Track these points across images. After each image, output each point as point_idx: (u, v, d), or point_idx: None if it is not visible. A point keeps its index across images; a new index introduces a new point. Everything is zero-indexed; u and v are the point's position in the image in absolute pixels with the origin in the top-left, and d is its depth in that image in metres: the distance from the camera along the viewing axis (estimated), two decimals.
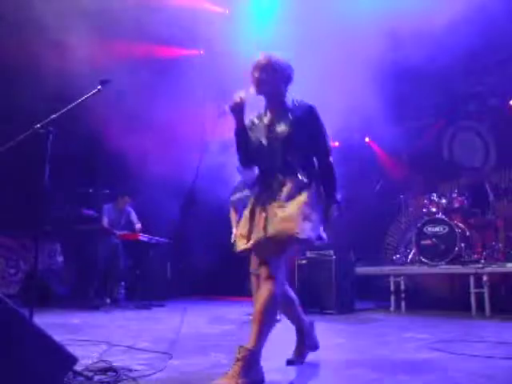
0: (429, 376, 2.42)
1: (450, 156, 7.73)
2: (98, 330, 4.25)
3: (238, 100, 2.48)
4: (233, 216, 5.31)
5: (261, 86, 2.56)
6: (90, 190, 7.30)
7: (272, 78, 2.56)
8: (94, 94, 3.37)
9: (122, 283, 6.90)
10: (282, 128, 2.56)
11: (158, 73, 6.55)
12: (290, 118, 2.57)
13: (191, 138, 6.95)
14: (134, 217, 7.15)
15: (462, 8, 5.03)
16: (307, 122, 2.59)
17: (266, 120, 2.65)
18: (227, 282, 8.21)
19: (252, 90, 2.55)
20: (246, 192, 5.02)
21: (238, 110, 2.51)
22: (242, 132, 2.59)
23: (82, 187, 7.37)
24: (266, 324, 2.36)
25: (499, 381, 2.31)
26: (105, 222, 6.84)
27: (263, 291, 2.37)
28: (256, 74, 2.57)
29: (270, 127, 2.60)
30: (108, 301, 6.52)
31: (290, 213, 2.39)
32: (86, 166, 8.15)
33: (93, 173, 8.11)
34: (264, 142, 2.58)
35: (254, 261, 5.04)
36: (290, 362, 2.77)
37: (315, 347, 2.91)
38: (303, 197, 2.45)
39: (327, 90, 5.83)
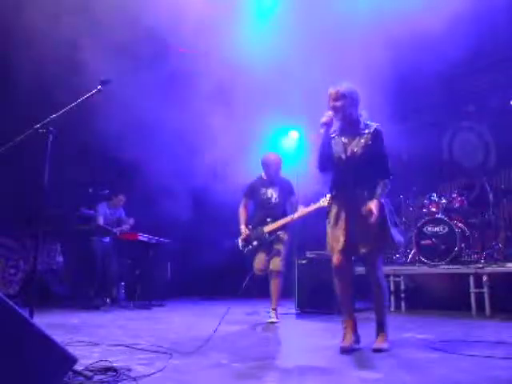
0: (429, 376, 2.42)
1: (450, 156, 7.74)
2: (97, 329, 4.25)
3: (329, 117, 3.16)
4: (242, 213, 5.26)
5: (336, 112, 3.18)
6: (90, 190, 7.30)
7: (342, 105, 3.17)
8: (94, 93, 3.37)
9: (122, 283, 6.91)
10: (357, 148, 3.18)
11: (159, 72, 6.54)
12: (363, 140, 3.18)
13: (192, 138, 6.97)
14: (124, 215, 7.19)
15: (462, 7, 5.03)
16: (375, 143, 3.19)
17: (343, 139, 3.24)
18: (228, 281, 8.21)
19: (331, 113, 3.19)
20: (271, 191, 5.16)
21: (328, 125, 3.18)
22: (328, 144, 3.23)
23: (81, 187, 7.38)
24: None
25: (499, 381, 2.31)
26: (100, 220, 6.84)
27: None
28: (331, 103, 3.20)
29: (347, 146, 3.21)
30: (108, 301, 6.52)
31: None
32: (85, 166, 8.15)
33: (92, 172, 8.10)
34: (343, 156, 3.20)
35: (260, 261, 5.06)
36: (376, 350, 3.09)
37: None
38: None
39: (326, 87, 5.83)
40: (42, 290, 6.50)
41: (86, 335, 3.80)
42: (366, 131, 3.20)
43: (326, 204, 4.42)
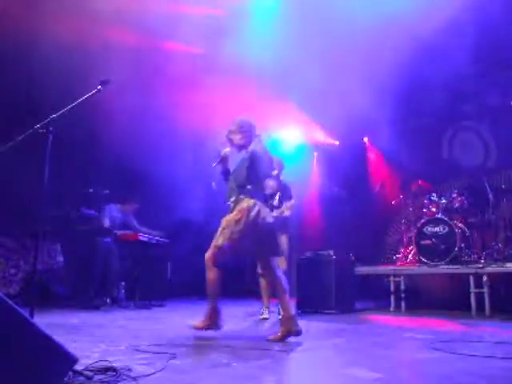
0: (429, 376, 2.43)
1: (449, 156, 7.74)
2: (98, 329, 4.25)
3: (224, 154, 3.96)
4: None
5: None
6: (90, 190, 7.30)
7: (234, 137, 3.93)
8: (94, 93, 3.38)
9: (123, 283, 6.90)
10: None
11: (161, 70, 6.55)
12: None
13: (192, 137, 6.97)
14: (134, 223, 7.19)
15: (461, 8, 5.04)
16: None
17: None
18: (227, 281, 8.21)
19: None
20: None
21: (224, 161, 3.98)
22: (226, 173, 4.01)
23: (82, 187, 7.38)
24: None
25: (498, 381, 2.31)
26: (106, 222, 6.84)
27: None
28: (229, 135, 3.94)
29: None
30: (108, 301, 6.52)
31: None
32: (86, 166, 8.15)
33: (93, 173, 8.10)
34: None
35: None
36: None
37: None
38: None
39: (328, 89, 5.85)
40: (42, 290, 6.50)
41: (86, 335, 3.81)
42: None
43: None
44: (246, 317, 5.49)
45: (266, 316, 5.19)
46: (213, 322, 3.80)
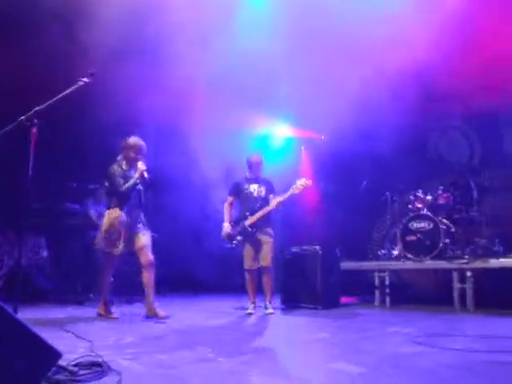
0: (413, 370, 2.46)
1: (436, 153, 7.81)
2: (83, 324, 4.23)
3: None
4: (226, 210, 5.55)
5: None
6: (75, 185, 7.24)
7: None
8: (80, 86, 3.34)
9: None
10: None
11: (152, 65, 6.49)
12: None
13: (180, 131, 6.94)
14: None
15: (446, 9, 5.10)
16: None
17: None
18: (213, 276, 8.22)
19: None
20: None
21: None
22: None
23: (67, 181, 7.31)
24: None
25: (480, 374, 2.35)
26: (93, 214, 6.83)
27: None
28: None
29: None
30: (92, 296, 6.47)
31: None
32: (71, 160, 8.07)
33: (79, 167, 8.02)
34: None
35: (249, 257, 5.29)
36: None
37: None
38: None
39: (316, 84, 5.86)
40: (26, 285, 6.42)
41: (71, 330, 3.77)
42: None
43: (297, 192, 5.14)
44: (232, 311, 5.50)
45: (251, 311, 5.22)
46: None
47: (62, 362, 2.20)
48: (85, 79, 3.28)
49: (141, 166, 4.77)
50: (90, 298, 6.38)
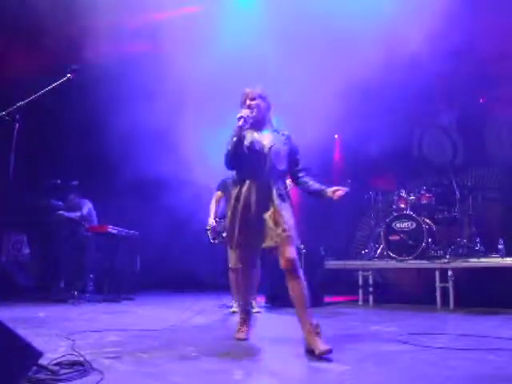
0: (395, 368, 2.48)
1: (419, 153, 7.89)
2: (64, 323, 4.17)
3: (246, 114, 3.11)
4: (212, 206, 5.48)
5: (252, 110, 3.18)
6: (59, 181, 7.15)
7: (257, 105, 3.24)
8: (63, 81, 3.30)
9: (91, 276, 6.79)
10: (276, 143, 3.23)
11: (136, 68, 6.46)
12: (279, 138, 3.27)
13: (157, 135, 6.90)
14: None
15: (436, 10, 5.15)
16: (291, 144, 3.33)
17: (256, 134, 3.25)
18: (198, 275, 8.21)
19: (246, 112, 3.15)
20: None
21: (245, 120, 3.09)
22: (240, 140, 3.11)
23: (50, 178, 7.23)
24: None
25: (460, 371, 2.38)
26: (84, 211, 6.80)
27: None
28: (248, 102, 3.24)
29: (263, 140, 3.23)
30: (76, 294, 6.40)
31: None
32: (54, 157, 7.98)
33: (62, 164, 7.94)
34: (259, 148, 3.19)
35: (233, 256, 5.15)
36: None
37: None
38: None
39: (298, 86, 5.87)
40: (7, 283, 6.34)
41: (53, 329, 3.73)
42: (281, 133, 3.31)
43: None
44: (215, 309, 5.49)
45: (235, 309, 5.21)
46: None
47: (42, 361, 2.17)
48: (68, 75, 3.23)
49: None
50: (73, 295, 6.30)
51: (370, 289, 5.99)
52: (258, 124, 3.26)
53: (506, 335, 3.38)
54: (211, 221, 5.38)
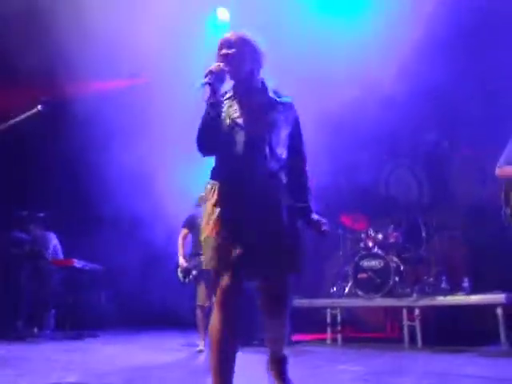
0: None
1: (386, 192, 8.05)
2: (23, 362, 4.01)
3: (218, 67, 2.08)
4: (180, 244, 5.37)
5: (228, 63, 2.13)
6: (25, 213, 6.99)
7: (236, 55, 2.15)
8: (33, 113, 3.29)
9: (53, 311, 6.56)
10: (269, 120, 2.20)
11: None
12: (275, 112, 2.23)
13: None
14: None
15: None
16: (293, 118, 2.33)
17: (244, 107, 2.20)
18: (163, 310, 8.03)
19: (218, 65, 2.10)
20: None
21: (217, 76, 2.06)
22: (216, 108, 2.06)
23: (15, 210, 7.06)
24: None
25: None
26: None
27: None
28: (221, 52, 2.18)
29: (251, 115, 2.18)
30: (36, 330, 6.16)
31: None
32: (19, 189, 7.82)
33: (26, 195, 7.78)
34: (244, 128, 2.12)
35: (202, 294, 5.06)
36: None
37: None
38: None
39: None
40: None
41: (11, 368, 3.57)
42: (278, 100, 2.27)
43: None
44: (180, 347, 5.36)
45: (202, 348, 5.09)
46: None
47: None
48: (38, 106, 3.23)
49: None
50: (33, 332, 6.06)
51: (339, 327, 5.97)
52: (241, 87, 2.25)
53: (470, 372, 3.42)
54: (181, 260, 5.26)
